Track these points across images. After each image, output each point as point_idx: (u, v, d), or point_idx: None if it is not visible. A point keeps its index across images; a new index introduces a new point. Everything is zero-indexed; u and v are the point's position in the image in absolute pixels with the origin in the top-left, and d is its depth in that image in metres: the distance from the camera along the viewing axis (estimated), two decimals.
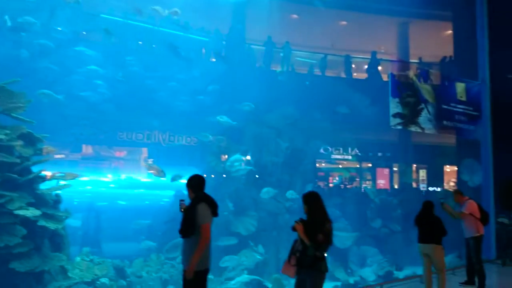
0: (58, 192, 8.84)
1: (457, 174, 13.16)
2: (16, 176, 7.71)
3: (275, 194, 11.32)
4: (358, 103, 14.01)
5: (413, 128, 9.10)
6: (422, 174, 18.60)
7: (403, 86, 8.79)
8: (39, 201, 8.06)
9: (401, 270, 10.54)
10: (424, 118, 9.02)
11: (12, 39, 10.83)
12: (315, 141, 14.51)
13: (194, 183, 4.21)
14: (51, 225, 7.81)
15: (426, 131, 9.22)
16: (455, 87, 9.77)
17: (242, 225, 10.50)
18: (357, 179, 18.70)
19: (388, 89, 9.05)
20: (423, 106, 9.01)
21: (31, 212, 7.52)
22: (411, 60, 15.49)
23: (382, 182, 18.37)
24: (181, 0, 13.03)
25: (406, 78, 8.88)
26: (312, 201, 4.37)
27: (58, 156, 13.41)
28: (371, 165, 19.19)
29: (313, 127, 13.85)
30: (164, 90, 12.30)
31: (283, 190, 11.68)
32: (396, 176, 17.67)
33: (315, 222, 4.21)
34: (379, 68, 16.08)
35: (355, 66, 17.06)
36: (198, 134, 12.78)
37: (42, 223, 7.67)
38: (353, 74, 16.84)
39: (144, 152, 15.11)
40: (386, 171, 18.34)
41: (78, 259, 8.92)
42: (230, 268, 9.54)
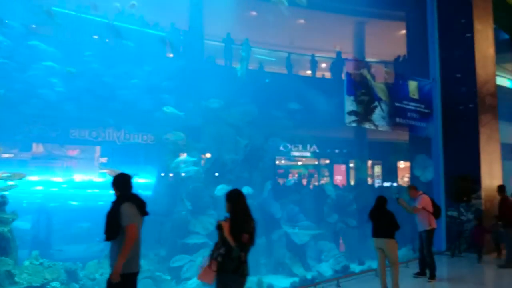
0: (4, 193, 8.39)
1: (410, 169, 13.65)
2: None
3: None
4: (317, 101, 14.20)
5: (367, 125, 9.33)
6: (377, 169, 19.19)
7: (358, 85, 8.98)
8: None
9: (363, 264, 10.80)
10: (378, 115, 9.26)
11: None
12: (274, 138, 14.56)
13: (119, 182, 4.03)
14: None
15: (380, 128, 9.48)
16: (408, 85, 10.10)
17: (201, 224, 10.36)
18: (315, 176, 19.02)
19: (344, 87, 9.23)
20: (376, 104, 9.24)
21: None
22: (367, 59, 15.86)
23: (339, 178, 18.80)
24: None
25: (360, 77, 9.07)
26: (236, 199, 4.10)
27: (6, 155, 12.77)
28: (329, 161, 19.59)
29: (272, 124, 13.91)
30: (119, 86, 11.90)
31: (242, 188, 11.61)
32: (352, 172, 18.12)
33: (240, 221, 3.95)
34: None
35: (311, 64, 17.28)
36: (168, 132, 12.37)
37: None
38: (307, 72, 17.08)
39: (98, 150, 14.59)
40: (343, 167, 18.79)
41: (27, 262, 8.45)
42: (185, 269, 9.41)
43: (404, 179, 17.48)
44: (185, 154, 12.35)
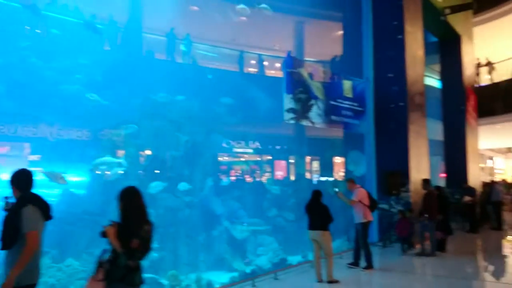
0: None
1: (344, 164, 14.19)
2: None
3: (165, 188, 11.05)
4: (258, 98, 14.35)
5: (304, 123, 9.56)
6: (315, 165, 19.81)
7: (296, 83, 9.17)
8: None
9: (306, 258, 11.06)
10: (315, 113, 9.53)
11: None
12: (216, 134, 14.52)
13: (19, 180, 3.45)
14: None
15: (316, 125, 9.76)
16: (343, 84, 10.48)
17: None
18: (257, 171, 19.25)
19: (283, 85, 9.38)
20: (313, 102, 9.50)
21: None
22: (306, 58, 16.26)
23: (279, 174, 19.19)
24: None
25: (299, 75, 9.28)
26: (128, 198, 3.59)
27: None
28: (270, 157, 19.91)
29: (214, 120, 13.86)
30: (53, 79, 11.25)
31: (179, 184, 11.49)
32: (292, 168, 18.55)
33: (131, 224, 3.47)
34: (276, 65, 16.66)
35: (255, 62, 17.45)
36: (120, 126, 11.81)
37: None
38: (248, 69, 17.21)
39: (29, 147, 13.72)
40: (283, 163, 19.19)
41: None
42: None
43: (339, 173, 18.18)
44: (123, 152, 11.99)
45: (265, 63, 17.72)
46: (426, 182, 9.69)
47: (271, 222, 12.51)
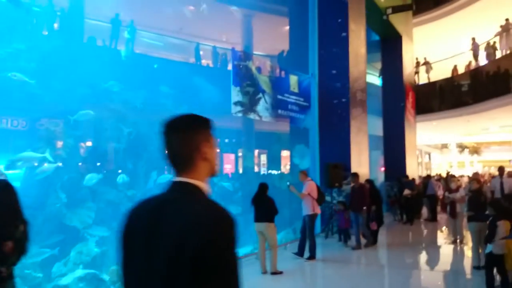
0: None
1: (290, 158, 14.47)
2: None
3: (107, 182, 10.68)
4: (206, 89, 14.17)
5: (252, 116, 9.61)
6: (263, 158, 20.01)
7: (243, 76, 9.18)
8: None
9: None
10: (262, 107, 9.60)
11: None
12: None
13: None
14: None
15: (264, 119, 9.84)
16: (289, 79, 10.63)
17: (78, 217, 9.66)
18: None
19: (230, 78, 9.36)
20: (261, 95, 9.57)
21: None
22: (254, 52, 16.29)
23: (228, 167, 19.15)
24: None
25: (246, 69, 9.28)
26: None
27: None
28: (218, 150, 19.80)
29: (159, 111, 13.50)
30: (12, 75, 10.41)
31: (118, 177, 11.13)
32: (240, 161, 18.60)
33: (1, 224, 3.07)
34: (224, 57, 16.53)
35: (203, 53, 17.21)
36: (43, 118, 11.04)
37: None
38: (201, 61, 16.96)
39: None
40: (232, 156, 19.17)
41: None
42: (61, 264, 8.72)
43: (286, 167, 18.50)
44: (61, 142, 11.36)
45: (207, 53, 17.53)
46: (354, 176, 9.80)
47: None
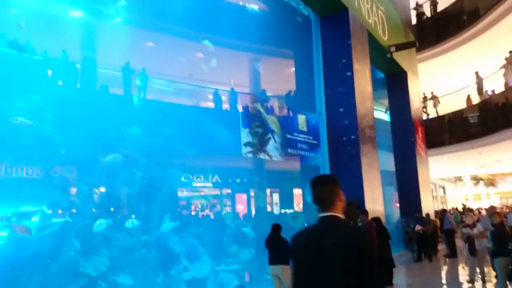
0: None
1: (302, 196, 14.37)
2: None
3: (112, 226, 10.67)
4: (216, 132, 14.41)
5: (262, 156, 9.70)
6: (275, 197, 19.90)
7: (252, 117, 9.36)
8: None
9: None
10: (272, 146, 9.71)
11: None
12: (173, 169, 14.33)
13: None
14: None
15: (274, 159, 9.92)
16: (297, 118, 10.79)
17: (91, 264, 9.62)
18: (217, 206, 19.04)
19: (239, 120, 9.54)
20: (270, 135, 9.70)
21: None
22: (261, 94, 16.66)
23: (240, 207, 19.06)
24: (22, 17, 11.83)
25: (255, 110, 9.48)
26: None
27: None
28: (230, 191, 19.80)
29: (171, 155, 13.71)
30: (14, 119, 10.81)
31: (126, 222, 11.15)
32: (253, 201, 18.53)
33: None
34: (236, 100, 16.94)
35: (211, 97, 17.65)
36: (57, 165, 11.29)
37: None
38: (206, 104, 17.38)
39: None
40: (244, 196, 19.11)
41: None
42: None
43: (299, 205, 18.35)
44: (75, 189, 11.51)
45: (222, 97, 17.96)
46: (362, 214, 9.52)
47: (232, 258, 12.29)
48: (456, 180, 34.16)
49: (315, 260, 2.13)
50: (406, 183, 16.70)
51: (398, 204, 17.27)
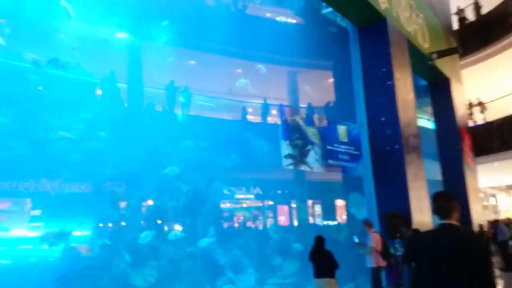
0: None
1: (346, 208, 14.18)
2: None
3: (179, 239, 11.05)
4: (257, 144, 14.62)
5: (303, 168, 9.73)
6: (317, 209, 19.72)
7: (292, 130, 9.45)
8: None
9: None
10: (312, 158, 9.72)
11: None
12: (216, 182, 14.64)
13: None
14: None
15: (315, 170, 9.91)
16: (337, 129, 10.74)
17: (141, 276, 9.98)
18: (259, 218, 19.13)
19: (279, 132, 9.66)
20: (310, 147, 9.73)
21: None
22: (300, 105, 16.74)
23: (282, 219, 19.04)
24: (73, 41, 12.69)
25: (294, 122, 9.57)
26: None
27: None
28: (272, 203, 19.86)
29: (215, 168, 14.03)
30: (54, 133, 11.56)
31: (184, 235, 11.48)
32: (294, 212, 18.47)
33: None
34: (272, 112, 17.14)
35: (252, 110, 17.94)
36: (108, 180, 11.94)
37: None
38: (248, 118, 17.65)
39: (30, 202, 13.74)
40: (286, 208, 19.09)
41: None
42: None
43: (342, 217, 18.09)
44: (124, 203, 12.02)
45: (261, 111, 18.19)
46: (405, 225, 9.31)
47: (276, 270, 12.31)
48: (508, 189, 32.38)
49: (442, 257, 2.69)
50: (454, 192, 15.94)
51: None
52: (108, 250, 10.54)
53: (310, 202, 18.75)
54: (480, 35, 19.67)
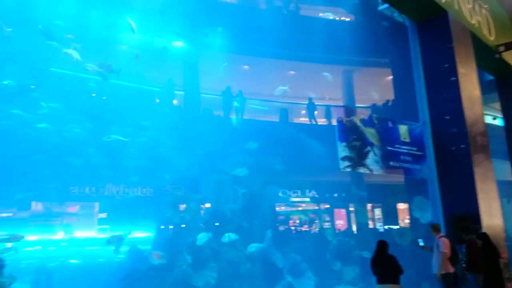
0: (2, 255, 8.34)
1: (408, 211, 13.59)
2: None
3: (235, 241, 11.16)
4: (312, 146, 14.44)
5: (361, 170, 9.43)
6: (378, 213, 19.09)
7: (348, 131, 9.20)
8: None
9: None
10: (372, 160, 9.40)
11: None
12: (272, 185, 14.64)
13: None
14: None
15: (374, 172, 9.58)
16: (398, 129, 10.32)
17: (201, 278, 10.18)
18: (316, 221, 18.87)
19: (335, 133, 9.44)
20: (369, 148, 9.41)
21: None
22: (356, 105, 16.32)
23: (340, 223, 18.64)
24: (133, 52, 13.26)
25: (351, 123, 9.32)
26: None
27: (4, 214, 12.73)
28: (328, 206, 19.53)
29: (269, 171, 14.04)
30: (118, 140, 12.15)
31: (242, 237, 11.57)
32: (353, 216, 18.01)
33: None
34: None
35: (305, 112, 17.76)
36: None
37: None
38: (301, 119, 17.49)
39: (97, 206, 14.59)
40: (343, 211, 18.67)
41: None
42: None
43: (405, 221, 17.37)
44: (184, 206, 12.37)
45: (316, 112, 17.97)
46: (468, 229, 8.87)
47: (334, 275, 12.04)
48: None
49: None
50: None
51: None
52: (170, 251, 10.87)
53: (369, 206, 18.21)
54: None
